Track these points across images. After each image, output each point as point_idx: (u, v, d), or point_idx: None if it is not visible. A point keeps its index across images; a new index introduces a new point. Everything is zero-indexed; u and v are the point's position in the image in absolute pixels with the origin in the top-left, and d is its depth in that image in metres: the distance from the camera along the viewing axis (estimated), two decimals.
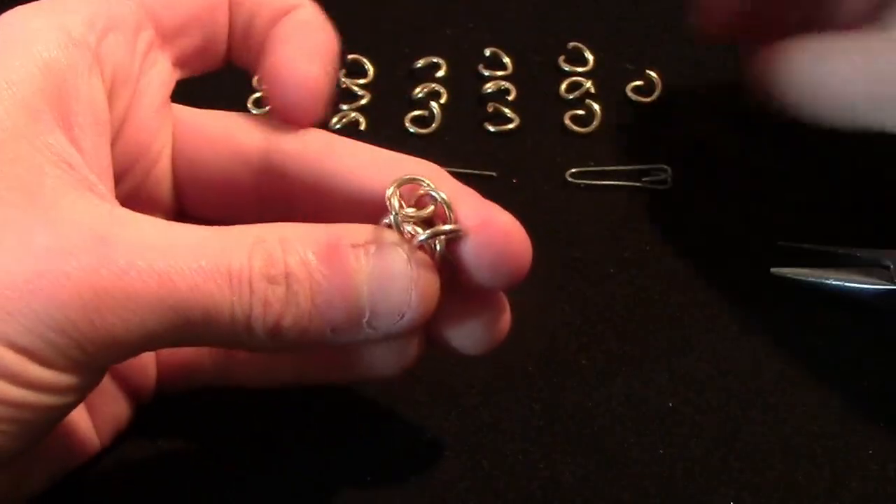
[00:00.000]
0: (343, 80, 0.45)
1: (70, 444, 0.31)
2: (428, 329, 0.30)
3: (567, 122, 0.44)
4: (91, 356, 0.25)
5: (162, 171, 0.32)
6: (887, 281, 0.34)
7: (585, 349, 0.36)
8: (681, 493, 0.33)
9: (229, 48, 0.32)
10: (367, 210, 0.30)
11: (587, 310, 0.37)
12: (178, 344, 0.27)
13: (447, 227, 0.29)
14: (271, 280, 0.26)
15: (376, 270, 0.28)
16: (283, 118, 0.31)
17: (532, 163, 0.42)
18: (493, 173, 0.42)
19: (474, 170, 0.42)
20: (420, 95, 0.45)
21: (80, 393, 0.26)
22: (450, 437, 0.34)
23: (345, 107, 0.44)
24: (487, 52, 0.47)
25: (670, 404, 0.35)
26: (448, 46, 0.47)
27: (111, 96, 0.29)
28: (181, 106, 0.32)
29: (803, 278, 0.36)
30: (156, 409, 0.34)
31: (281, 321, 0.27)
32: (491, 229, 0.29)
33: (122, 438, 0.33)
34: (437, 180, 0.30)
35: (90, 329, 0.24)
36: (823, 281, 0.36)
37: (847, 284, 0.35)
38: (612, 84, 0.45)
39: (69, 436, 0.30)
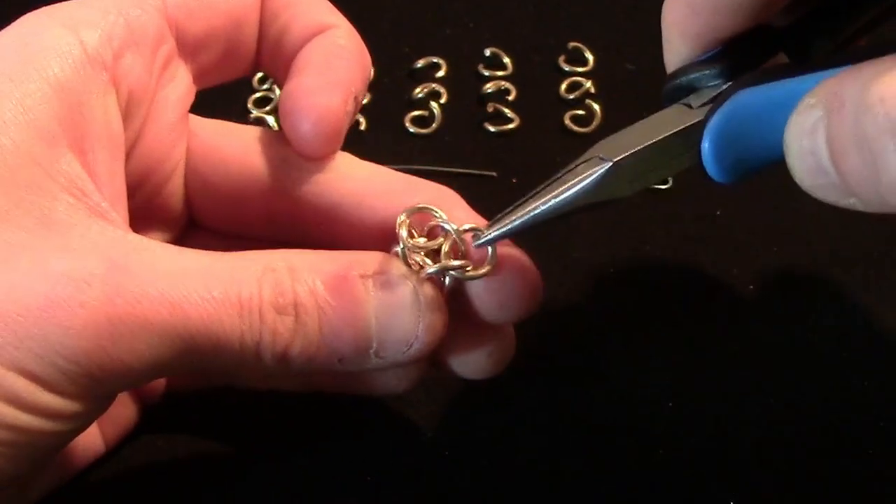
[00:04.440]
0: None
1: (76, 449, 0.31)
2: (433, 354, 0.30)
3: (567, 122, 0.44)
4: (100, 384, 0.25)
5: (175, 184, 0.31)
6: None
7: (585, 349, 0.36)
8: (681, 493, 0.33)
9: (257, 60, 0.32)
10: (379, 236, 0.29)
11: (587, 310, 0.37)
12: (187, 370, 0.27)
13: (457, 262, 0.28)
14: (280, 310, 0.26)
15: (384, 302, 0.28)
16: (296, 150, 0.30)
17: (532, 163, 0.42)
18: (493, 173, 0.42)
19: (474, 170, 0.42)
20: (420, 95, 0.45)
21: (87, 419, 0.27)
22: (450, 437, 0.34)
23: None
24: (487, 52, 0.47)
25: (670, 404, 0.35)
26: (448, 46, 0.47)
27: (126, 115, 0.28)
28: (198, 118, 0.32)
29: (513, 225, 0.28)
30: (160, 408, 0.34)
31: (289, 350, 0.27)
32: (503, 268, 0.29)
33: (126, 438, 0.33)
34: (451, 208, 0.29)
35: (102, 357, 0.24)
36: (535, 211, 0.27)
37: (567, 194, 0.27)
38: (612, 84, 0.45)
39: (76, 441, 0.30)
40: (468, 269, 0.28)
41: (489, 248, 0.28)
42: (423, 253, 0.28)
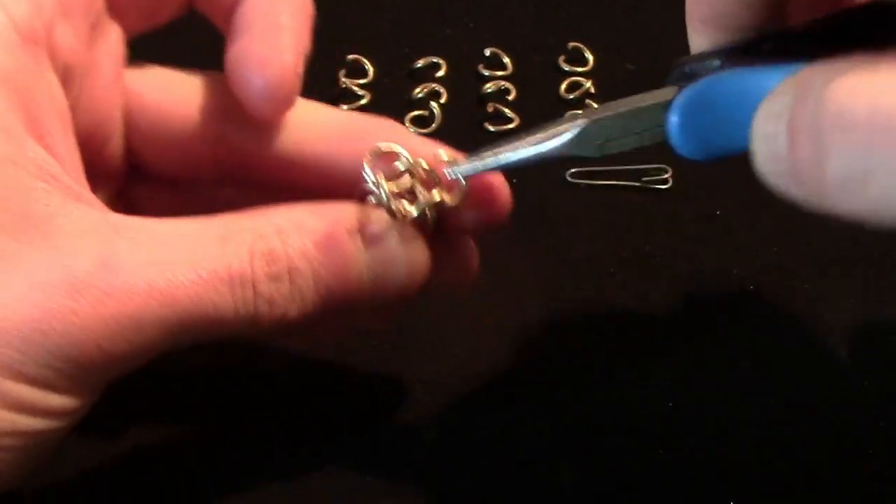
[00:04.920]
0: (343, 80, 0.45)
1: None
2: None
3: None
4: (100, 376, 0.25)
5: (116, 142, 0.31)
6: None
7: (586, 349, 0.36)
8: (681, 493, 0.33)
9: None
10: (337, 178, 0.30)
11: (587, 310, 0.37)
12: (186, 345, 0.27)
13: (436, 198, 0.29)
14: (273, 277, 0.26)
15: (376, 257, 0.28)
16: (251, 113, 0.30)
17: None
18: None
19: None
20: (420, 95, 0.45)
21: (88, 407, 0.27)
22: (450, 437, 0.34)
23: (345, 107, 0.44)
24: (487, 52, 0.47)
25: (670, 404, 0.35)
26: (448, 46, 0.47)
27: (65, 84, 0.28)
28: (137, 70, 0.31)
29: (488, 162, 0.29)
30: (147, 397, 0.34)
31: (286, 314, 0.27)
32: (477, 187, 0.30)
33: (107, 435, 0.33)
34: (405, 139, 0.30)
35: (99, 354, 0.25)
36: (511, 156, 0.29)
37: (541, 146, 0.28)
38: (612, 84, 0.45)
39: None
40: (446, 199, 0.29)
41: (461, 178, 0.29)
42: (396, 195, 0.29)
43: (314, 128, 0.31)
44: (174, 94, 0.31)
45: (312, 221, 0.27)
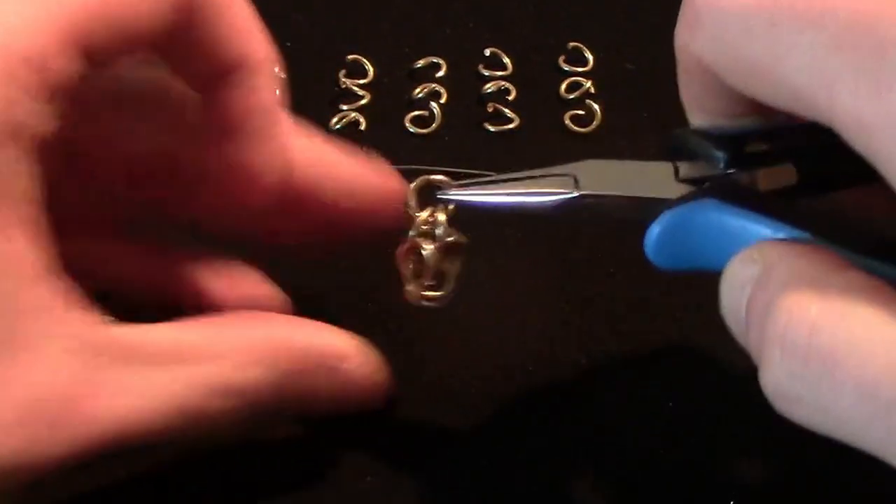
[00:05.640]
0: (343, 80, 0.45)
1: None
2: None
3: (567, 122, 0.44)
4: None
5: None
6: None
7: (585, 349, 0.36)
8: (681, 493, 0.33)
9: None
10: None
11: (587, 310, 0.37)
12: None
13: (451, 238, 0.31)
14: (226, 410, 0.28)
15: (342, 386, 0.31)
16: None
17: (532, 163, 0.42)
18: (493, 173, 0.42)
19: (474, 170, 0.42)
20: (420, 95, 0.45)
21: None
22: (450, 437, 0.34)
23: (345, 107, 0.44)
24: (487, 52, 0.47)
25: (670, 404, 0.35)
26: (448, 46, 0.47)
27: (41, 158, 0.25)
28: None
29: (473, 196, 0.30)
30: None
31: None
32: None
33: None
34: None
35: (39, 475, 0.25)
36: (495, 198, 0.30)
37: (529, 199, 0.29)
38: (612, 84, 0.45)
39: None
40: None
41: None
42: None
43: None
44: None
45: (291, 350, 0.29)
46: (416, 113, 0.44)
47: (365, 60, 0.46)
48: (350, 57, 0.46)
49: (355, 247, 0.35)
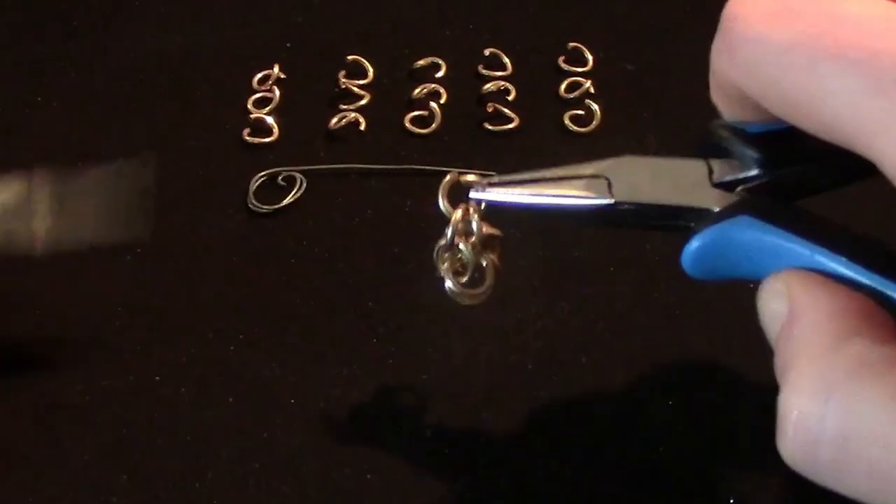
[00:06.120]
0: (343, 80, 0.45)
1: None
2: None
3: (567, 122, 0.44)
4: None
5: None
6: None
7: (585, 349, 0.36)
8: (681, 492, 0.33)
9: None
10: None
11: (587, 310, 0.37)
12: None
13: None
14: None
15: None
16: None
17: (532, 163, 0.42)
18: (493, 173, 0.42)
19: (474, 170, 0.42)
20: (420, 95, 0.45)
21: None
22: (450, 437, 0.34)
23: (345, 107, 0.44)
24: (487, 52, 0.47)
25: (670, 404, 0.35)
26: (448, 46, 0.47)
27: None
28: None
29: (506, 197, 0.30)
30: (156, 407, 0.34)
31: None
32: None
33: None
34: None
35: None
36: (529, 199, 0.30)
37: (563, 202, 0.29)
38: (612, 84, 0.45)
39: None
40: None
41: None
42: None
43: None
44: None
45: None
46: (416, 113, 0.44)
47: (365, 60, 0.46)
48: (350, 57, 0.46)
49: (355, 247, 0.35)
